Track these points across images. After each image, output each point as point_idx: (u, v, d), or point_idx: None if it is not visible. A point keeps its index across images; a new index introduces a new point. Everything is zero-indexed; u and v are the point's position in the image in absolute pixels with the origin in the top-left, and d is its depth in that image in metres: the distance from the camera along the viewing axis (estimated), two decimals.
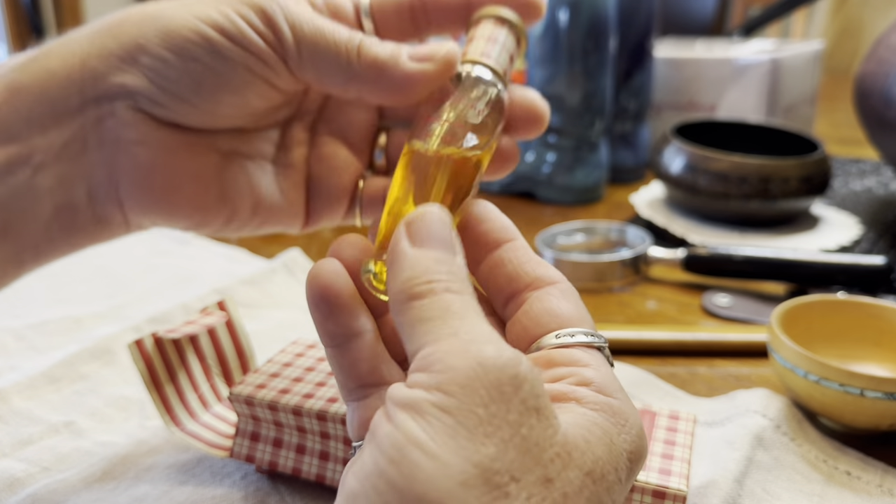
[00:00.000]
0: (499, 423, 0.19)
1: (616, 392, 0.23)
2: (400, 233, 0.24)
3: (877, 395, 0.36)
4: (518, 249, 0.27)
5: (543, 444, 0.20)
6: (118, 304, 0.58)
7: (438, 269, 0.22)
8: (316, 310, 0.25)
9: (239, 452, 0.37)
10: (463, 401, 0.19)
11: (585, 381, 0.23)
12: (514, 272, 0.27)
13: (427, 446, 0.19)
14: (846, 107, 1.25)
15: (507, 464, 0.19)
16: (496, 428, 0.19)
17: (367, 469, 0.19)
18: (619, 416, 0.22)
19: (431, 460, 0.18)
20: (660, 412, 0.35)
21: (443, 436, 0.19)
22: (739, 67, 0.87)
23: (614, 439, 0.21)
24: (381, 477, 0.19)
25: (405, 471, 0.18)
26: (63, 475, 0.37)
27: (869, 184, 0.85)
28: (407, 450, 0.19)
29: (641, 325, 0.51)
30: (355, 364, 0.25)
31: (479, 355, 0.20)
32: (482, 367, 0.20)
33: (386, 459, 0.19)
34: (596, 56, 0.77)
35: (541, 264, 0.27)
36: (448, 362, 0.20)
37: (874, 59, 0.73)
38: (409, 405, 0.20)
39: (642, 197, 0.78)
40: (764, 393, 0.41)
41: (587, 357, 0.24)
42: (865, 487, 0.36)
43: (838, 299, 0.45)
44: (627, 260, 0.60)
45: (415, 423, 0.19)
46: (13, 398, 0.44)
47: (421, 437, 0.19)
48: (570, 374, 0.23)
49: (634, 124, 0.88)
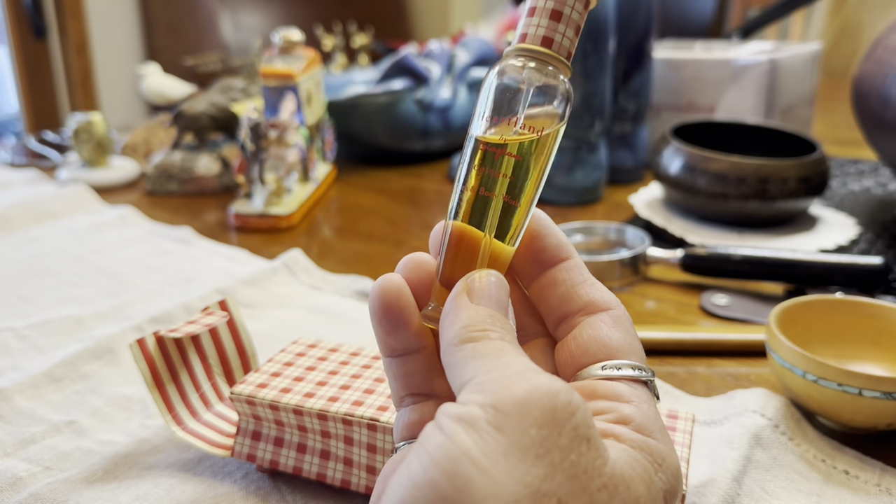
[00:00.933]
0: (550, 446, 0.19)
1: (655, 432, 0.23)
2: (461, 286, 0.24)
3: (875, 394, 0.36)
4: (573, 269, 0.27)
5: (592, 472, 0.20)
6: (120, 304, 0.58)
7: (494, 323, 0.23)
8: (379, 325, 0.26)
9: (240, 451, 0.37)
10: (517, 420, 0.19)
11: (624, 420, 0.23)
12: (566, 293, 0.26)
13: (480, 462, 0.19)
14: (844, 108, 1.26)
15: (556, 487, 0.19)
16: (547, 451, 0.19)
17: (416, 478, 0.19)
18: (657, 456, 0.22)
19: (484, 476, 0.18)
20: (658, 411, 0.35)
21: (496, 453, 0.19)
22: (738, 68, 0.87)
23: (653, 478, 0.22)
24: (432, 487, 0.19)
25: (458, 484, 0.18)
26: (65, 474, 0.38)
27: (867, 184, 0.86)
28: (460, 462, 0.19)
29: (640, 325, 0.51)
30: (410, 375, 0.26)
31: (534, 380, 0.20)
32: (537, 390, 0.20)
33: (438, 471, 0.19)
34: (595, 57, 0.78)
35: (595, 287, 0.27)
36: (503, 384, 0.20)
37: (872, 60, 0.73)
38: (463, 419, 0.20)
39: (641, 197, 0.78)
40: (762, 392, 0.42)
41: (630, 392, 0.24)
42: (863, 486, 0.36)
43: (836, 299, 0.45)
44: (626, 260, 0.60)
45: (469, 438, 0.19)
46: (15, 398, 0.45)
47: (475, 452, 0.19)
48: (611, 409, 0.23)
49: (633, 125, 0.88)
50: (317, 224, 0.79)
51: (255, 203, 0.77)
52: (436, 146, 1.01)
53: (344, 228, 0.78)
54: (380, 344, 0.26)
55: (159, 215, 0.81)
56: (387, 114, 0.95)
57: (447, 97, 0.99)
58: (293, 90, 0.80)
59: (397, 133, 0.97)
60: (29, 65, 2.14)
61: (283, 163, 0.78)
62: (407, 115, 0.96)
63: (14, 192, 0.88)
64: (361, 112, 0.95)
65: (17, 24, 2.10)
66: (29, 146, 1.14)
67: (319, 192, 0.87)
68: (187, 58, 1.36)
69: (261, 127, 0.76)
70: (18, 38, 2.11)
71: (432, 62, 1.02)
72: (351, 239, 0.74)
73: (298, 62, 0.82)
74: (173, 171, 0.90)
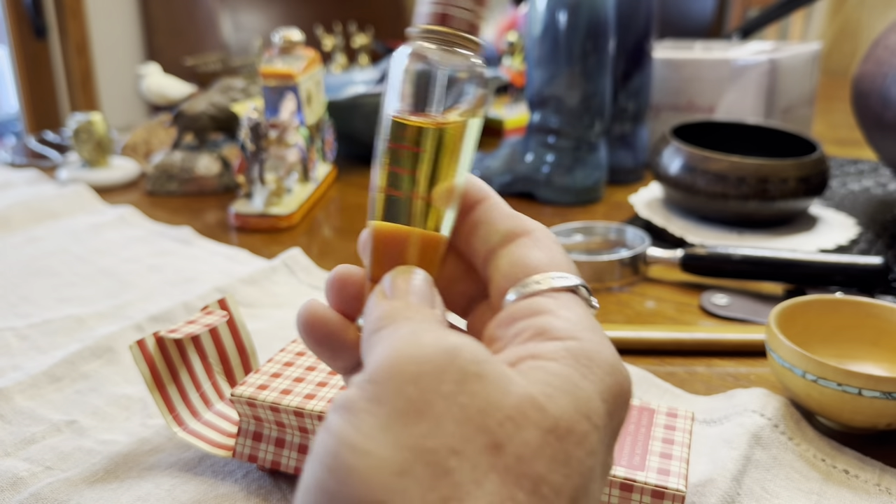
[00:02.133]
0: (431, 397, 0.18)
1: (580, 332, 0.21)
2: (377, 287, 0.23)
3: (874, 394, 0.36)
4: (491, 209, 0.25)
5: (489, 409, 0.18)
6: (121, 303, 0.58)
7: (407, 311, 0.21)
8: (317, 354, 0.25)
9: (241, 452, 0.37)
10: (391, 385, 0.18)
11: (541, 333, 0.21)
12: (486, 233, 0.25)
13: (359, 444, 0.17)
14: (844, 108, 1.26)
15: (445, 438, 0.17)
16: (429, 404, 0.18)
17: (306, 482, 0.18)
18: (582, 358, 0.20)
19: (363, 458, 0.17)
20: (658, 409, 0.35)
21: (374, 429, 0.17)
22: (738, 68, 0.87)
23: (579, 384, 0.19)
24: (319, 487, 0.17)
25: (341, 476, 0.17)
26: (66, 474, 0.38)
27: (866, 184, 0.86)
28: (339, 453, 0.17)
29: (640, 325, 0.51)
30: None
31: (407, 339, 0.19)
32: (407, 346, 0.19)
33: (322, 468, 0.17)
34: (595, 57, 0.78)
35: (513, 217, 0.25)
36: (381, 354, 0.19)
37: (872, 60, 0.73)
38: (341, 406, 0.18)
39: (641, 197, 0.78)
40: (762, 392, 0.42)
41: (550, 303, 0.22)
42: (863, 486, 0.36)
43: (836, 299, 0.45)
44: (626, 260, 0.60)
45: (346, 423, 0.18)
46: (16, 397, 0.45)
47: (351, 437, 0.17)
48: (527, 327, 0.21)
49: (633, 125, 0.88)
50: (317, 224, 0.79)
51: (255, 203, 0.77)
52: None
53: (344, 228, 0.78)
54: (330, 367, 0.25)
55: (159, 215, 0.82)
56: None
57: None
58: (293, 90, 0.80)
59: None
60: (29, 65, 2.14)
61: (283, 163, 0.78)
62: None
63: (14, 192, 0.88)
64: (361, 112, 0.95)
65: (18, 24, 2.10)
66: (29, 146, 1.14)
67: (319, 192, 0.87)
68: (187, 58, 1.36)
69: (261, 127, 0.76)
70: (19, 38, 2.11)
71: None
72: (351, 239, 0.74)
73: (298, 62, 0.82)
74: (173, 171, 0.90)
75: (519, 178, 0.84)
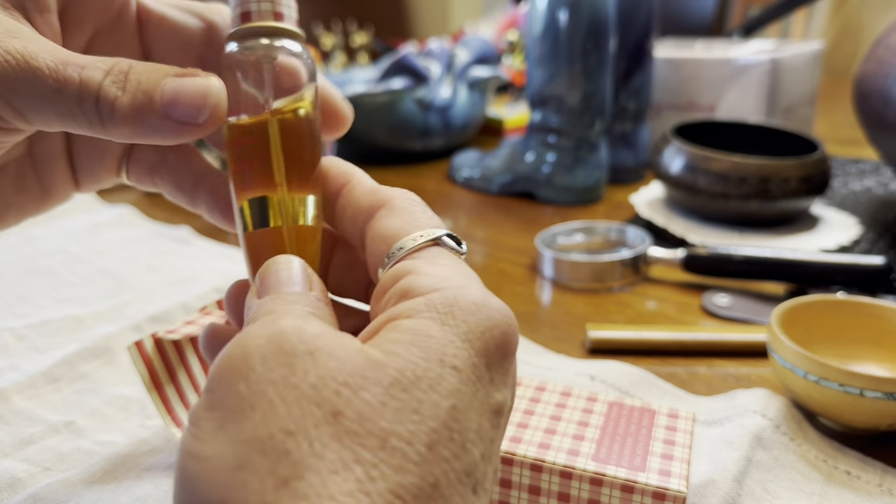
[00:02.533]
0: (262, 387, 0.18)
1: (443, 282, 0.21)
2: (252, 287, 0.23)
3: (876, 394, 0.36)
4: (353, 189, 0.25)
5: (322, 382, 0.18)
6: (119, 303, 0.58)
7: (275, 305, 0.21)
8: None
9: None
10: (223, 387, 0.18)
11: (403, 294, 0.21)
12: (353, 214, 0.25)
13: (196, 451, 0.18)
14: (845, 107, 1.26)
15: (278, 422, 0.17)
16: (260, 395, 0.18)
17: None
18: (441, 306, 0.20)
19: (202, 463, 0.17)
20: (659, 410, 0.35)
21: (209, 433, 0.18)
22: (739, 68, 0.87)
23: (434, 333, 0.19)
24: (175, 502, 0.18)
25: (187, 486, 0.17)
26: (64, 475, 0.37)
27: (868, 184, 0.86)
28: (184, 465, 0.18)
29: (641, 325, 0.51)
30: None
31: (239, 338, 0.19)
32: (235, 345, 0.19)
33: (176, 483, 0.18)
34: (596, 56, 0.77)
35: (372, 192, 0.25)
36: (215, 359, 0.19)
37: (873, 60, 0.73)
38: (188, 420, 0.19)
39: (642, 197, 0.78)
40: (763, 393, 0.41)
41: (414, 263, 0.22)
42: (865, 487, 0.36)
43: (838, 299, 0.45)
44: (627, 260, 0.60)
45: (188, 435, 0.18)
46: (14, 398, 0.44)
47: (191, 446, 0.18)
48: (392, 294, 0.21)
49: (634, 124, 0.88)
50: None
51: None
52: (435, 145, 1.01)
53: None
54: None
55: (158, 215, 0.81)
56: (386, 113, 0.95)
57: (447, 96, 0.99)
58: None
59: (397, 132, 0.97)
60: None
61: None
62: (407, 115, 0.96)
63: None
64: (361, 111, 0.95)
65: None
66: None
67: None
68: None
69: None
70: None
71: (432, 61, 1.02)
72: None
73: None
74: None
75: (519, 178, 0.83)
